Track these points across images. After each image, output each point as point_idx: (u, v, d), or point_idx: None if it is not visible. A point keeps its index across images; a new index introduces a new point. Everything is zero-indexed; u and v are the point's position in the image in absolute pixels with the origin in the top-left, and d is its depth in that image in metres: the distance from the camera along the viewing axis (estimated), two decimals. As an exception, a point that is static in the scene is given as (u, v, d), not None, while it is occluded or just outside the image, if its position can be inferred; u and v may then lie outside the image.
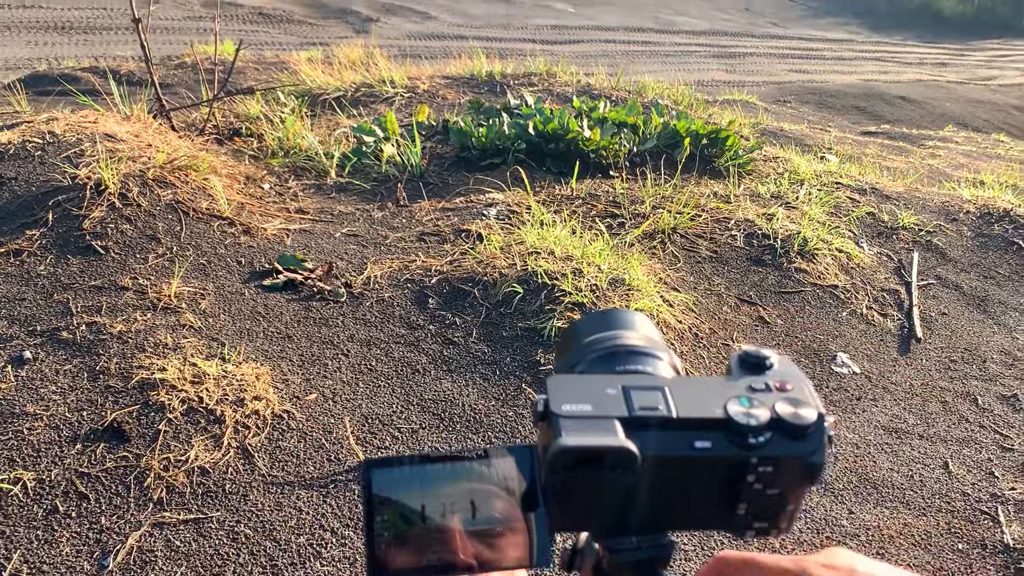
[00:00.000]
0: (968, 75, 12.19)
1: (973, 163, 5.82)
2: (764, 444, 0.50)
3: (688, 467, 0.50)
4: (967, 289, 3.28)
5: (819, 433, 0.51)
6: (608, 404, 0.51)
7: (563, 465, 0.47)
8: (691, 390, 0.53)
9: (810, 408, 0.51)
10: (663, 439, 0.50)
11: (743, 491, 0.52)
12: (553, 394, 0.51)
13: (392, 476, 0.50)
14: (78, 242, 2.56)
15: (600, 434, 0.48)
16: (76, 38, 6.99)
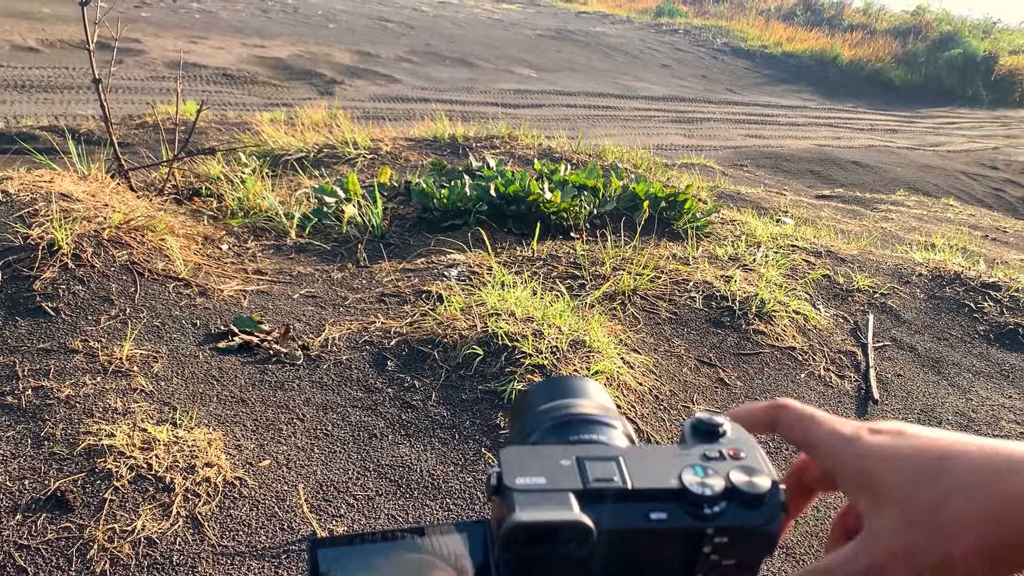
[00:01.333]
0: (917, 141, 12.63)
1: (924, 226, 5.99)
2: (720, 514, 0.49)
3: (644, 539, 0.50)
4: (921, 351, 3.34)
5: (774, 501, 0.50)
6: (562, 476, 0.50)
7: (517, 541, 0.46)
8: (645, 460, 0.52)
9: (764, 476, 0.51)
10: (618, 511, 0.49)
11: (700, 562, 0.51)
12: (506, 467, 0.50)
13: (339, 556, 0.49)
14: (28, 304, 2.50)
15: (554, 508, 0.47)
16: (36, 96, 6.96)
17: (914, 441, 0.51)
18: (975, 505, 0.47)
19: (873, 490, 0.50)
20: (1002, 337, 3.54)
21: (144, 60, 8.99)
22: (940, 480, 0.48)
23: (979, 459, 0.48)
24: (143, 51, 9.35)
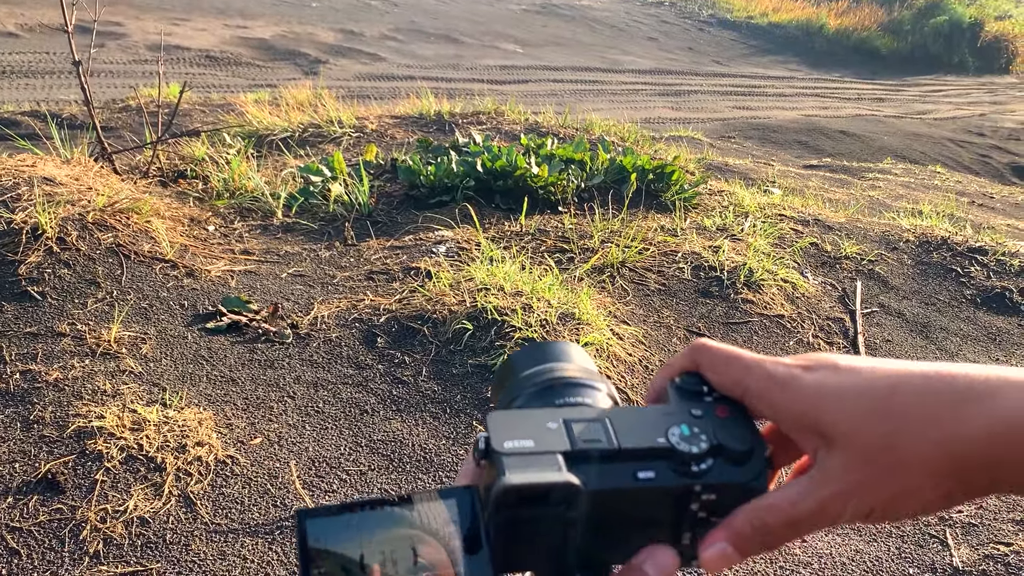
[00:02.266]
0: (904, 110, 12.62)
1: (911, 194, 6.00)
2: (707, 471, 0.50)
3: (632, 498, 0.50)
4: (909, 316, 3.36)
5: (759, 456, 0.51)
6: (550, 439, 0.50)
7: (507, 504, 0.47)
8: (632, 420, 0.53)
9: (749, 432, 0.52)
10: (606, 471, 0.49)
11: (687, 519, 0.51)
12: (494, 431, 0.50)
13: (327, 525, 0.48)
14: (13, 288, 2.49)
15: (544, 470, 0.47)
16: (17, 82, 6.87)
17: (855, 377, 0.50)
18: (929, 441, 0.47)
19: (819, 431, 0.49)
20: (989, 301, 3.56)
21: (126, 43, 8.88)
22: (889, 417, 0.47)
23: (926, 391, 0.48)
24: (125, 34, 9.24)
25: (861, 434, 0.48)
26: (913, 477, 0.47)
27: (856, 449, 0.48)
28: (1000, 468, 0.46)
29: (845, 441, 0.48)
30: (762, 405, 0.52)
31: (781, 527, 0.49)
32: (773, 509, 0.49)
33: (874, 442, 0.47)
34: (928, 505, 0.48)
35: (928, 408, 0.47)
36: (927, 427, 0.46)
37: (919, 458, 0.46)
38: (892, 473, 0.47)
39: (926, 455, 0.46)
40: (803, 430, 0.51)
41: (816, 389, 0.50)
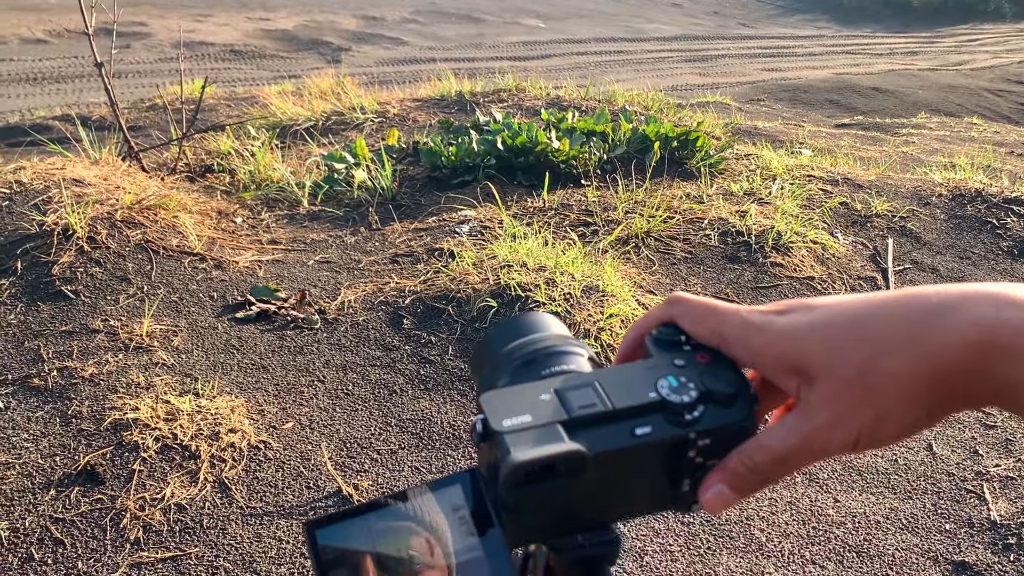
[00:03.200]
0: (939, 62, 12.30)
1: (947, 147, 5.86)
2: (699, 418, 0.50)
3: (633, 455, 0.51)
4: (944, 271, 3.29)
5: (745, 396, 0.52)
6: (546, 410, 0.51)
7: (516, 482, 0.47)
8: (620, 379, 0.53)
9: (733, 374, 0.53)
10: (605, 433, 0.50)
11: (685, 467, 0.52)
12: (490, 412, 0.50)
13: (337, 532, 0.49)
14: (48, 288, 2.55)
15: (547, 443, 0.48)
16: (48, 87, 7.01)
17: (827, 311, 0.51)
18: (905, 360, 0.47)
19: (798, 369, 0.50)
20: (1028, 252, 3.48)
21: (151, 43, 9.00)
22: (864, 342, 0.48)
23: (898, 312, 0.48)
24: (149, 34, 9.36)
25: (838, 364, 0.48)
26: (893, 399, 0.47)
27: (835, 380, 0.48)
28: (976, 377, 0.46)
29: (824, 373, 0.49)
30: (740, 351, 0.53)
31: (771, 465, 0.51)
32: (762, 449, 0.51)
33: (851, 370, 0.48)
34: (911, 425, 0.49)
35: (901, 328, 0.47)
36: (902, 347, 0.47)
37: (897, 379, 0.47)
38: (872, 398, 0.47)
39: (904, 375, 0.47)
40: (783, 371, 0.51)
41: (791, 329, 0.51)
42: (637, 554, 1.81)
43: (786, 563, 1.82)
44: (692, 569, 1.79)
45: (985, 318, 0.46)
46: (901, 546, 1.88)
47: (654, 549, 1.83)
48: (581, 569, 0.56)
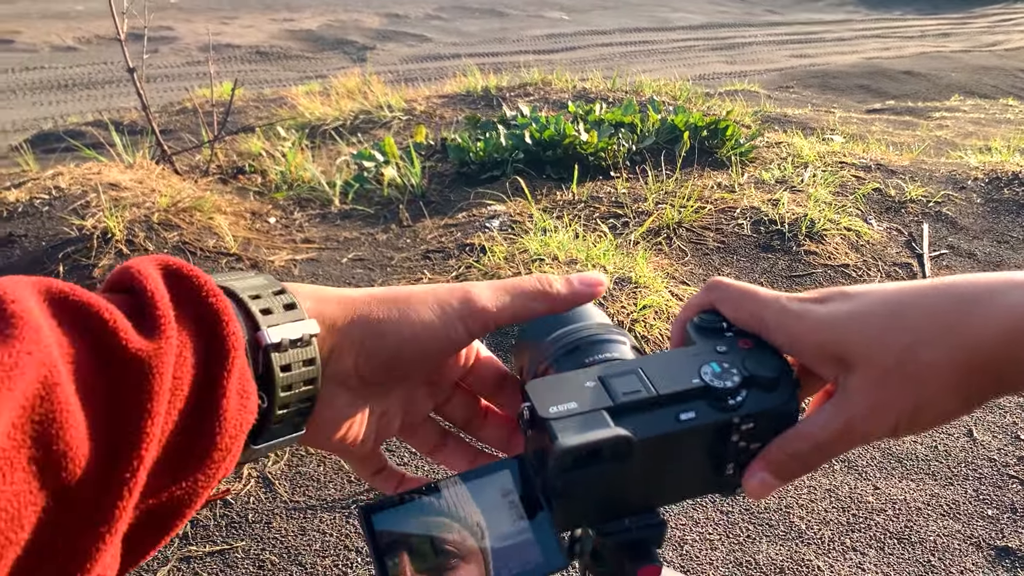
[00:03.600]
0: (972, 43, 12.08)
1: (982, 130, 5.76)
2: (742, 403, 0.52)
3: (677, 440, 0.52)
4: (981, 256, 3.24)
5: (788, 380, 0.53)
6: (591, 397, 0.52)
7: (563, 467, 0.49)
8: (663, 366, 0.54)
9: (775, 359, 0.54)
10: (650, 419, 0.51)
11: (729, 451, 0.54)
12: (536, 399, 0.52)
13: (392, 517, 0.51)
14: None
15: (593, 428, 0.49)
16: (79, 94, 7.13)
17: (865, 300, 0.51)
18: (943, 349, 0.48)
19: (838, 357, 0.51)
20: (1068, 234, 3.41)
21: (178, 47, 9.11)
22: (902, 331, 0.49)
23: (936, 300, 0.49)
24: (176, 37, 9.48)
25: (877, 352, 0.49)
26: (931, 386, 0.48)
27: (874, 367, 0.49)
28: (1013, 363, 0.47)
29: (863, 361, 0.50)
30: (780, 337, 0.54)
31: (812, 451, 0.52)
32: (803, 436, 0.52)
33: (890, 358, 0.49)
34: (949, 412, 0.50)
35: (939, 317, 0.48)
36: (940, 336, 0.48)
37: (936, 367, 0.48)
38: (911, 385, 0.48)
39: (942, 362, 0.48)
40: (822, 359, 0.52)
41: (830, 317, 0.52)
42: (676, 543, 1.82)
43: (826, 550, 1.81)
44: (732, 557, 1.79)
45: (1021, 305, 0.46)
46: (943, 532, 1.87)
47: (693, 538, 1.83)
48: (628, 552, 0.57)
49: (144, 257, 0.46)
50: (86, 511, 0.37)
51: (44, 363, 0.35)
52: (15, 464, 0.34)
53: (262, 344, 0.46)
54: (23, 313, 0.36)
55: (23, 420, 0.34)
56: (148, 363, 0.39)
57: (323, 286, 0.52)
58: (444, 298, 0.53)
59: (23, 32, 9.42)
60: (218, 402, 0.42)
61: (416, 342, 0.52)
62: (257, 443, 0.48)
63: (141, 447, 0.38)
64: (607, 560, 0.59)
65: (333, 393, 0.52)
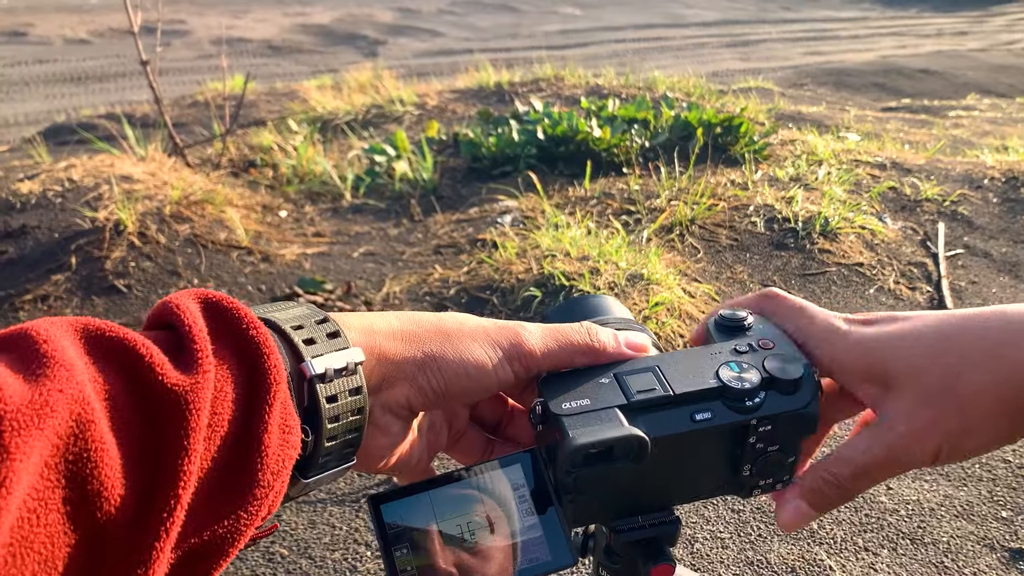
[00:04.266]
0: (989, 42, 11.98)
1: (999, 129, 5.71)
2: (760, 404, 0.51)
3: (692, 440, 0.51)
4: (997, 256, 3.21)
5: (809, 383, 0.52)
6: (605, 394, 0.51)
7: (575, 464, 0.48)
8: (680, 364, 0.53)
9: (796, 362, 0.52)
10: (665, 418, 0.50)
11: (746, 453, 0.53)
12: (549, 394, 0.51)
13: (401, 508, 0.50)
14: (101, 283, 2.61)
15: (606, 426, 0.48)
16: (92, 87, 7.15)
17: (912, 323, 0.51)
18: (989, 375, 0.47)
19: (880, 378, 0.50)
20: (1085, 234, 3.38)
21: (190, 40, 9.13)
22: (948, 356, 0.48)
23: (986, 327, 0.48)
24: (189, 31, 9.49)
25: (922, 375, 0.48)
26: (976, 413, 0.47)
27: (919, 391, 0.48)
28: None
29: (907, 384, 0.49)
30: (822, 354, 0.53)
31: (852, 478, 0.51)
32: (842, 461, 0.51)
33: (935, 382, 0.48)
34: (994, 440, 0.49)
35: (988, 342, 0.47)
36: (987, 363, 0.47)
37: (981, 393, 0.47)
38: (955, 410, 0.47)
39: (987, 390, 0.47)
40: (863, 379, 0.52)
41: (875, 339, 0.51)
42: (687, 541, 1.80)
43: (839, 550, 1.79)
44: (743, 556, 1.77)
45: None
46: (956, 533, 1.85)
47: (704, 536, 1.82)
48: (642, 550, 0.56)
49: (185, 291, 0.45)
50: (123, 552, 0.36)
51: (77, 400, 0.34)
52: (49, 505, 0.33)
53: (307, 375, 0.45)
54: (54, 352, 0.35)
55: (56, 459, 0.33)
56: (185, 398, 0.38)
57: (370, 314, 0.52)
58: (495, 338, 0.53)
59: (36, 25, 9.46)
60: (259, 437, 0.41)
61: (468, 379, 0.51)
62: (307, 476, 0.48)
63: (178, 485, 0.37)
64: (620, 557, 0.59)
65: (388, 421, 0.51)
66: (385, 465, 0.54)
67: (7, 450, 0.31)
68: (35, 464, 0.32)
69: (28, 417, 0.32)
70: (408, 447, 0.55)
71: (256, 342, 0.42)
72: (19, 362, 0.35)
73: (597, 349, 0.54)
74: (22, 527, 0.32)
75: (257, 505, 0.41)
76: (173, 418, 0.38)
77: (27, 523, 0.33)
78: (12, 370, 0.34)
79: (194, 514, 0.39)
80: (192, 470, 0.38)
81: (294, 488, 0.47)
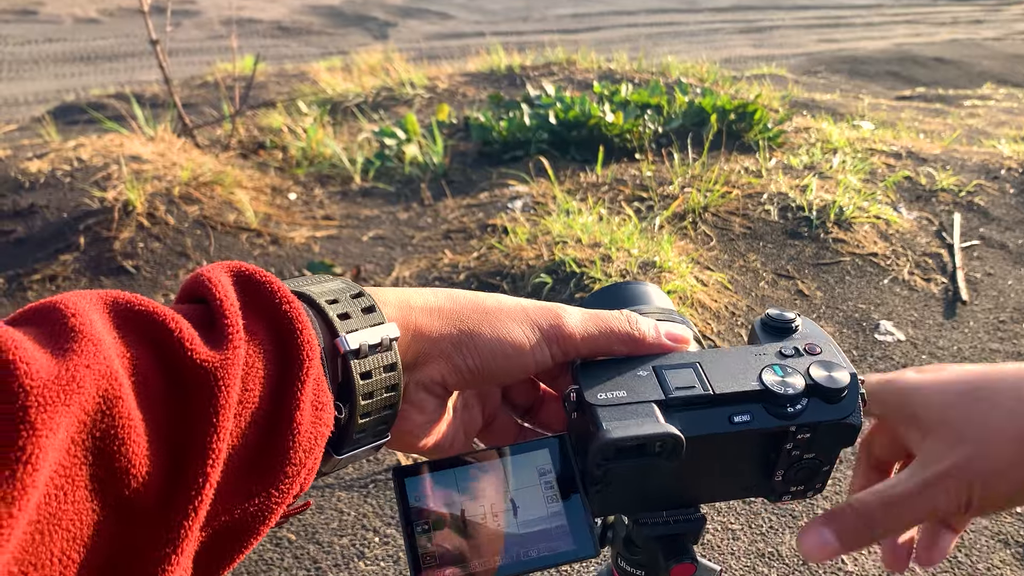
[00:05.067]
0: (1005, 30, 11.85)
1: (1015, 119, 5.65)
2: (802, 411, 0.49)
3: (728, 441, 0.50)
4: (1013, 247, 3.17)
5: (854, 394, 0.50)
6: (642, 388, 0.50)
7: (606, 456, 0.47)
8: (723, 363, 0.52)
9: (843, 370, 0.51)
10: (702, 418, 0.49)
11: (780, 458, 0.51)
12: (585, 383, 0.50)
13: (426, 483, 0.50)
14: (110, 263, 2.60)
15: (642, 422, 0.47)
16: (102, 66, 7.13)
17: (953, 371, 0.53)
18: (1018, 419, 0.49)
19: (919, 420, 0.52)
20: (1104, 227, 3.33)
21: (200, 21, 9.09)
22: (981, 401, 0.50)
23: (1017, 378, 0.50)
24: (199, 11, 9.45)
25: (953, 417, 0.50)
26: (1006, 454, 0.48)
27: (950, 431, 0.50)
28: None
29: (940, 425, 0.51)
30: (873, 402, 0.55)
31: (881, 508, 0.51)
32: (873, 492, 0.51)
33: (965, 424, 0.50)
34: None
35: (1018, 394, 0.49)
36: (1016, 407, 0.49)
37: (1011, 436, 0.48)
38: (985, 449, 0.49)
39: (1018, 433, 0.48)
40: (905, 423, 0.54)
41: (916, 383, 0.54)
42: (698, 534, 1.79)
43: (852, 546, 1.78)
44: (754, 548, 1.76)
45: None
46: (970, 528, 1.83)
47: (715, 528, 1.80)
48: (664, 545, 0.55)
49: (218, 264, 0.44)
50: (151, 529, 0.36)
51: (104, 376, 0.34)
52: (76, 481, 0.33)
53: (341, 351, 0.44)
54: (82, 326, 0.34)
55: (83, 436, 0.33)
56: (215, 374, 0.37)
57: (407, 289, 0.51)
58: (535, 318, 0.51)
59: (46, 3, 9.43)
60: (291, 414, 0.40)
61: (505, 359, 0.50)
62: (341, 453, 0.47)
63: (207, 463, 0.36)
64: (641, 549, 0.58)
65: (423, 399, 0.50)
66: (421, 444, 0.53)
67: (33, 426, 0.31)
68: (62, 440, 0.32)
69: (55, 393, 0.32)
70: (444, 427, 0.54)
71: (289, 317, 0.41)
72: (47, 336, 0.34)
73: (637, 338, 0.52)
74: (49, 504, 0.32)
75: (288, 483, 0.40)
76: (202, 394, 0.37)
77: (55, 500, 0.32)
78: (39, 344, 0.34)
79: (224, 492, 0.38)
80: (221, 448, 0.37)
81: (327, 464, 0.46)
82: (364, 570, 1.67)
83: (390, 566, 1.70)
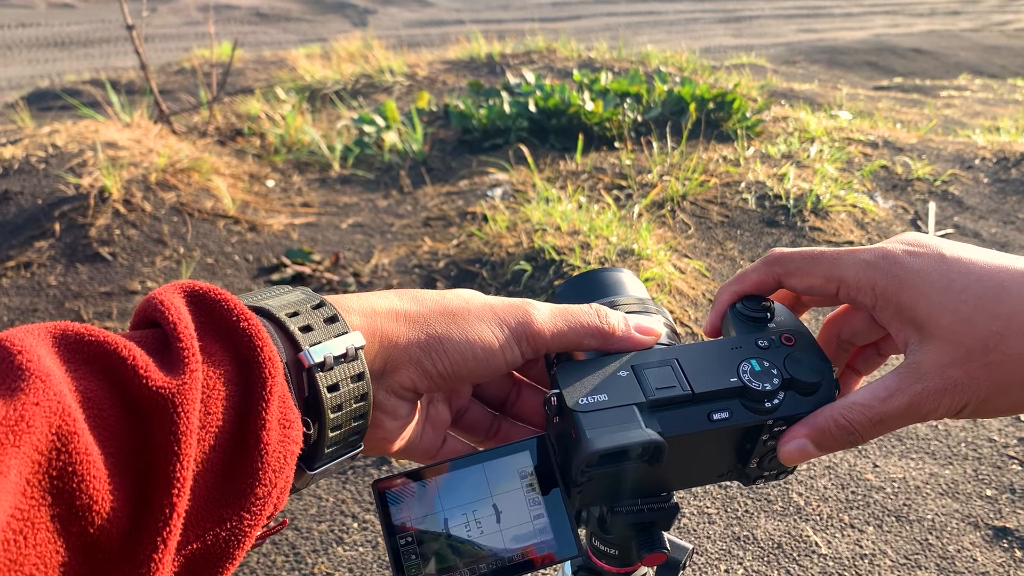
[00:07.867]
0: (982, 22, 11.95)
1: (990, 110, 5.71)
2: (779, 406, 0.50)
3: (706, 437, 0.50)
4: (987, 236, 3.21)
5: (828, 383, 0.51)
6: (623, 390, 0.50)
7: (590, 464, 0.47)
8: (701, 359, 0.52)
9: (819, 360, 0.51)
10: (682, 417, 0.49)
11: (756, 448, 0.52)
12: (565, 386, 0.50)
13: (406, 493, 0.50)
14: (85, 250, 2.57)
15: (625, 429, 0.47)
16: (76, 52, 7.03)
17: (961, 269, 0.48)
18: None
19: (918, 324, 0.48)
20: (1074, 216, 3.38)
21: (177, 6, 8.98)
22: (997, 317, 0.46)
23: None
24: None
25: (964, 331, 0.46)
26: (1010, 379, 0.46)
27: (958, 345, 0.46)
28: None
29: (947, 336, 0.47)
30: (862, 294, 0.51)
31: (868, 425, 0.49)
32: (859, 407, 0.49)
33: (978, 340, 0.46)
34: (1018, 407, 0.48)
35: None
36: None
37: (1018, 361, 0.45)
38: (992, 373, 0.46)
39: None
40: (901, 320, 0.49)
41: (919, 278, 0.48)
42: (674, 517, 1.81)
43: (825, 526, 1.80)
44: (730, 531, 1.78)
45: None
46: (941, 511, 1.86)
47: (691, 512, 1.82)
48: (636, 534, 0.56)
49: (170, 285, 0.43)
50: (120, 565, 0.35)
51: (56, 412, 0.32)
52: (36, 524, 0.32)
53: (305, 365, 0.43)
54: (29, 363, 0.33)
55: (39, 476, 0.32)
56: (172, 400, 0.36)
57: (370, 295, 0.50)
58: (503, 317, 0.51)
59: (20, -13, 9.28)
60: (257, 434, 0.39)
61: (475, 361, 0.50)
62: (313, 468, 0.46)
63: (172, 493, 0.35)
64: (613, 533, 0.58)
65: (395, 405, 0.50)
66: (395, 448, 0.52)
67: None
68: (15, 483, 0.31)
69: (3, 435, 0.31)
70: (417, 428, 0.53)
71: (248, 334, 0.40)
72: None
73: (607, 332, 0.52)
74: (8, 550, 0.31)
75: (260, 505, 0.40)
76: (161, 422, 0.36)
77: (14, 545, 0.31)
78: None
79: (193, 519, 0.37)
80: (186, 475, 0.36)
81: (300, 480, 0.46)
82: (343, 555, 1.68)
83: (368, 551, 1.71)
